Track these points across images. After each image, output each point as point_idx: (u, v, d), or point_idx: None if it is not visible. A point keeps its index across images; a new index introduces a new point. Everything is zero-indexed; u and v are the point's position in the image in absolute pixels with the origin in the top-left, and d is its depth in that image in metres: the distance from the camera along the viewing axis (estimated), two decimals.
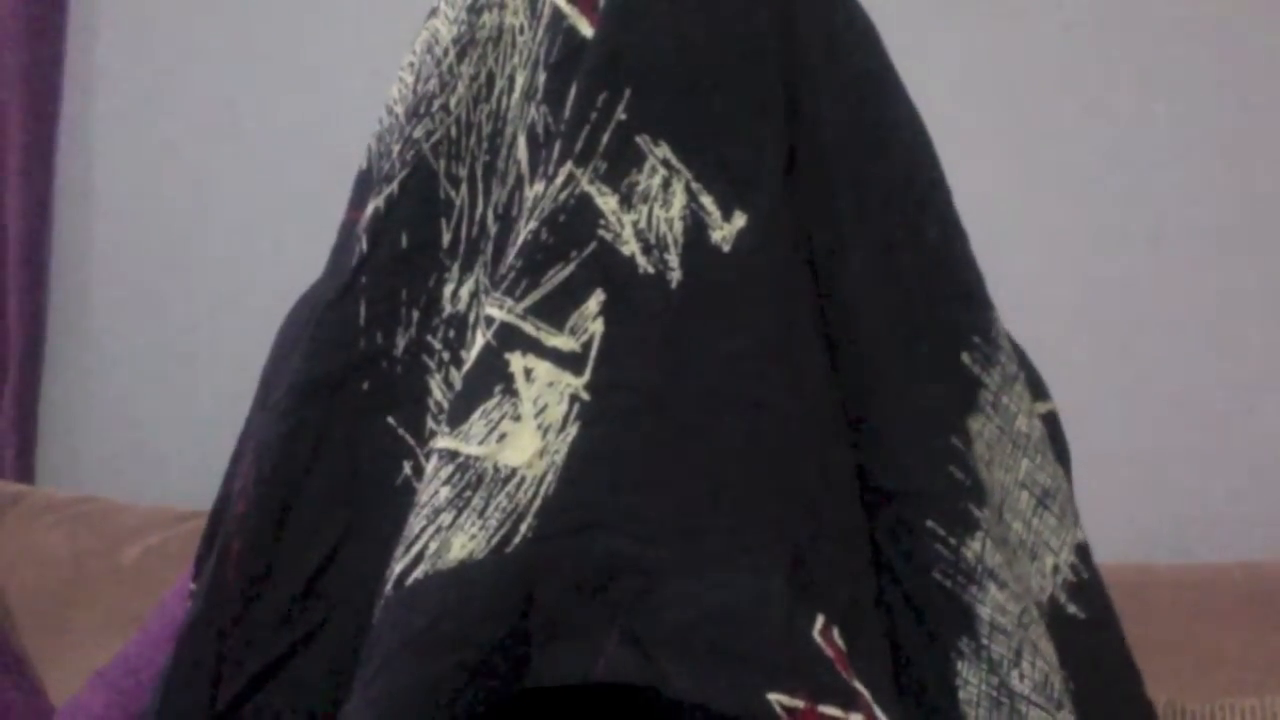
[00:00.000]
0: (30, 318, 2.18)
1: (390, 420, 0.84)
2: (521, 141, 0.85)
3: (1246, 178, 1.95)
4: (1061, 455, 0.93)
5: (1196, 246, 1.95)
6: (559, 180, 0.80)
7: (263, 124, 2.16)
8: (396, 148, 0.87)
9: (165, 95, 2.21)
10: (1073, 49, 1.98)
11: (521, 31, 0.87)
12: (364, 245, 0.86)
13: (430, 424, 0.83)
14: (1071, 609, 0.86)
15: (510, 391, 0.76)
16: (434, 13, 0.91)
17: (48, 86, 2.19)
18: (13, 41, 2.16)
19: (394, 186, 0.86)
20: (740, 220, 0.80)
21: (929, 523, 0.81)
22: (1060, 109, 1.98)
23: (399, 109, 0.90)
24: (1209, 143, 1.95)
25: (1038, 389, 0.93)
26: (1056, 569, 0.87)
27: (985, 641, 0.80)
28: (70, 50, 2.21)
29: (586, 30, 0.84)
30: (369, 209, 0.86)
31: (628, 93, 0.81)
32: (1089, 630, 0.87)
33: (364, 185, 0.91)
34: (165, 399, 2.19)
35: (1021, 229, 1.91)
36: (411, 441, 0.83)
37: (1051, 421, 0.94)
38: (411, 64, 0.91)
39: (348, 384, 0.84)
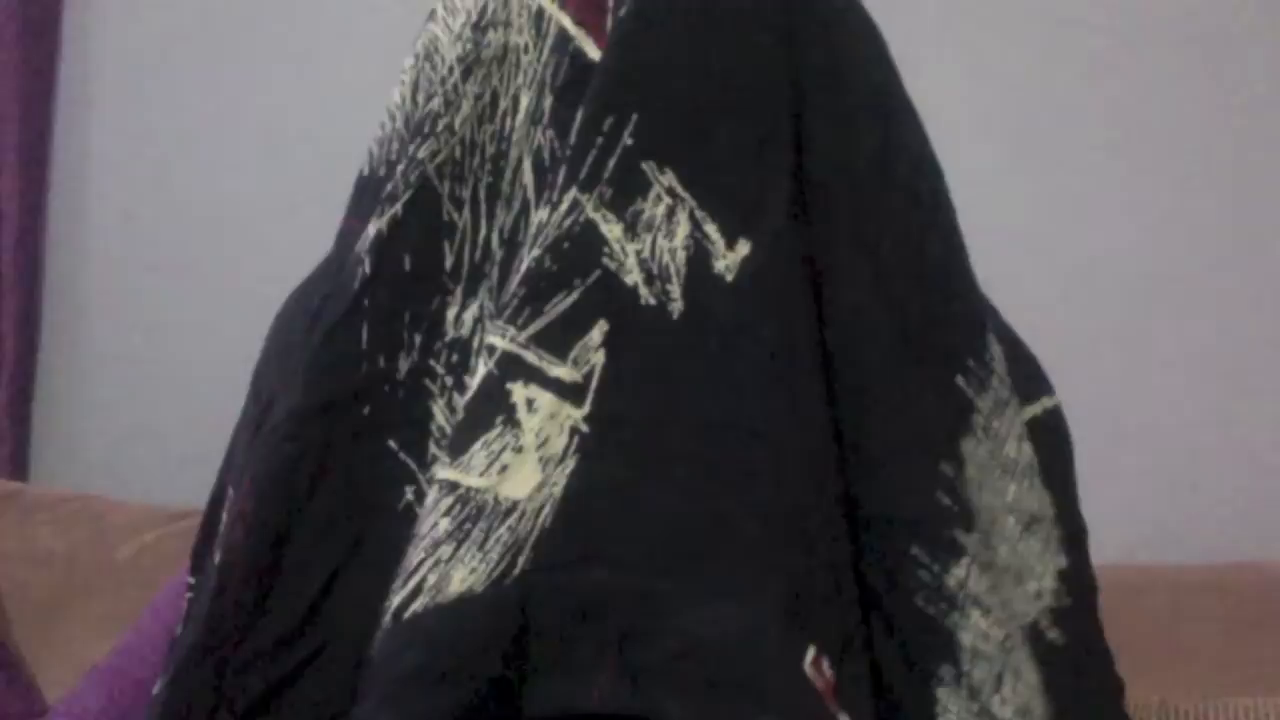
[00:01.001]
0: (24, 316, 2.17)
1: (392, 444, 0.83)
2: (527, 165, 0.84)
3: (1246, 178, 1.95)
4: (1064, 449, 0.93)
5: (1197, 246, 1.95)
6: (564, 206, 0.79)
7: (259, 125, 2.16)
8: (400, 166, 0.86)
9: (160, 95, 2.20)
10: (1075, 53, 1.98)
11: (526, 51, 0.86)
12: (367, 267, 0.85)
13: (432, 448, 0.83)
14: (1052, 635, 0.86)
15: (512, 422, 0.76)
16: (433, 17, 0.90)
17: (43, 86, 2.18)
18: (8, 42, 2.16)
19: (398, 208, 0.85)
20: (744, 249, 0.80)
21: (913, 550, 0.81)
22: (1063, 109, 1.98)
23: (399, 115, 0.89)
24: (1209, 143, 1.95)
25: (1041, 384, 0.93)
26: (1039, 594, 0.87)
27: (966, 668, 0.80)
28: (65, 50, 2.20)
29: (594, 53, 0.83)
30: (371, 230, 0.86)
31: (634, 118, 0.80)
32: (1068, 655, 0.87)
33: (363, 191, 0.90)
34: (159, 397, 2.18)
35: (1023, 229, 1.91)
36: (413, 466, 0.83)
37: (1054, 416, 0.93)
38: (413, 67, 0.90)
39: (350, 407, 0.83)
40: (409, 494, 0.82)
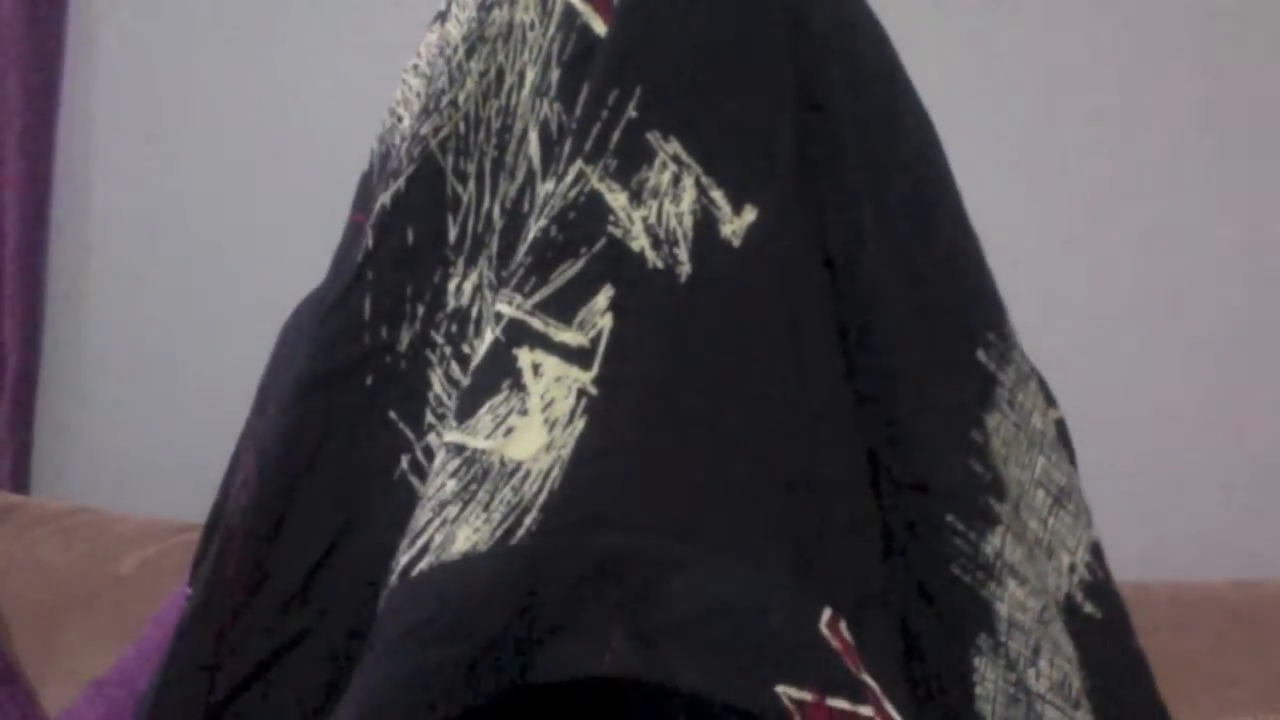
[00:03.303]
0: (26, 328, 2.17)
1: (392, 414, 0.84)
2: (533, 138, 0.85)
3: (1247, 187, 1.95)
4: (1069, 462, 0.93)
5: (1196, 260, 1.95)
6: (569, 178, 0.80)
7: (263, 130, 2.16)
8: (404, 145, 0.87)
9: (164, 101, 2.21)
10: (1079, 50, 1.99)
11: (532, 27, 0.87)
12: (370, 241, 0.86)
13: (429, 418, 0.83)
14: (1088, 608, 0.86)
15: (518, 386, 0.76)
16: (443, 17, 0.92)
17: (46, 91, 2.19)
18: (11, 45, 2.17)
19: (401, 183, 0.86)
20: (751, 214, 0.80)
21: (949, 517, 0.80)
22: (1065, 113, 1.98)
23: (402, 111, 0.90)
24: (1210, 153, 1.95)
25: (1045, 397, 0.93)
26: (1073, 568, 0.87)
27: (1003, 639, 0.79)
28: (69, 53, 2.21)
29: (600, 28, 0.84)
30: (376, 204, 0.87)
31: (639, 90, 0.81)
32: (1105, 630, 0.87)
33: (367, 188, 0.91)
34: (161, 410, 2.18)
35: (1018, 243, 1.91)
36: (410, 435, 0.83)
37: (1059, 429, 0.94)
38: (416, 67, 0.91)
39: (352, 378, 0.84)
40: (404, 463, 0.83)
